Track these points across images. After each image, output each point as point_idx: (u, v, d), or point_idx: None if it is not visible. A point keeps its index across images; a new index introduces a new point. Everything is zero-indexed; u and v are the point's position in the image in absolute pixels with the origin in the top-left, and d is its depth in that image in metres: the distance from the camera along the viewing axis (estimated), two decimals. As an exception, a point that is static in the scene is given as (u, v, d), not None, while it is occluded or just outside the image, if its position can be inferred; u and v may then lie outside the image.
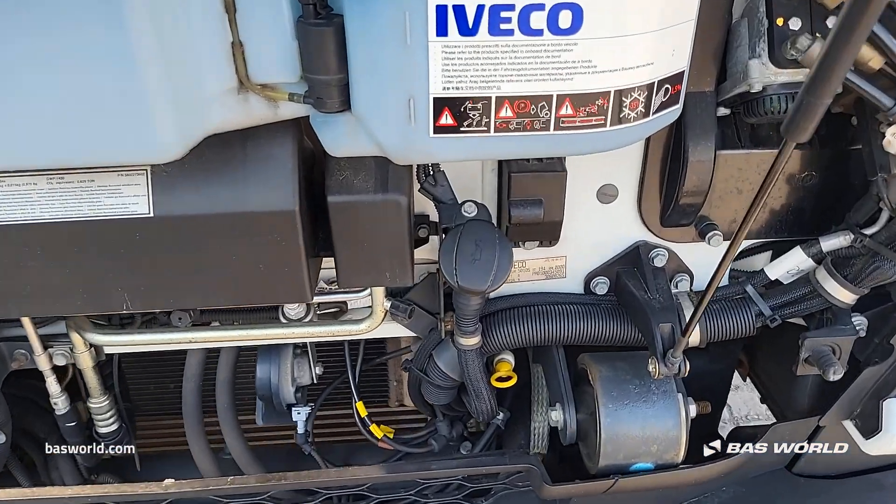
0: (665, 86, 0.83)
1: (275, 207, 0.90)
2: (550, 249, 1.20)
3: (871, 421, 1.18)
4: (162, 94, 0.73)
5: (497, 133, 0.78)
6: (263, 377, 1.28)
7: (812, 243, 1.17)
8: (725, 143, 1.11)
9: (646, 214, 1.18)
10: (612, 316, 1.21)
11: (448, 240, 0.98)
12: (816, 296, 1.17)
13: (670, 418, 1.15)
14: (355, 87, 0.76)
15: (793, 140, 0.70)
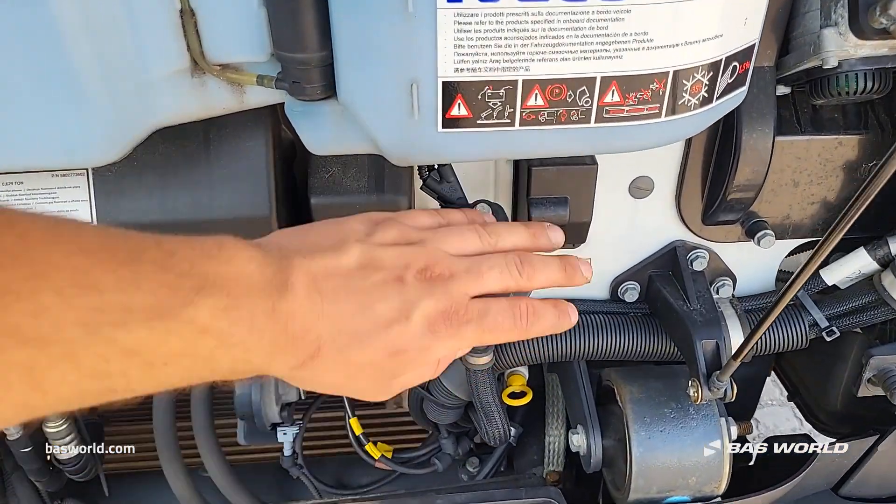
0: (733, 63, 0.66)
1: (246, 214, 0.75)
2: (573, 251, 1.04)
3: (938, 446, 1.04)
4: (88, 78, 0.56)
5: (524, 127, 0.61)
6: (243, 395, 1.13)
7: (878, 244, 1.01)
8: (782, 128, 0.95)
9: (685, 211, 1.02)
10: (643, 328, 1.05)
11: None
12: (882, 304, 1.02)
13: (712, 447, 1.01)
14: (342, 69, 0.59)
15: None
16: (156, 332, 0.39)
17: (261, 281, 0.45)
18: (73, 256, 0.35)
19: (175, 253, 0.41)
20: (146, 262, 0.39)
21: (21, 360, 0.34)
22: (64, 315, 0.35)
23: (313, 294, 0.48)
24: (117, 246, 0.38)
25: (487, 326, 0.56)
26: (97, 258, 0.37)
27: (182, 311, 0.40)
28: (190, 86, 0.62)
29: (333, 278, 0.50)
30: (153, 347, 0.39)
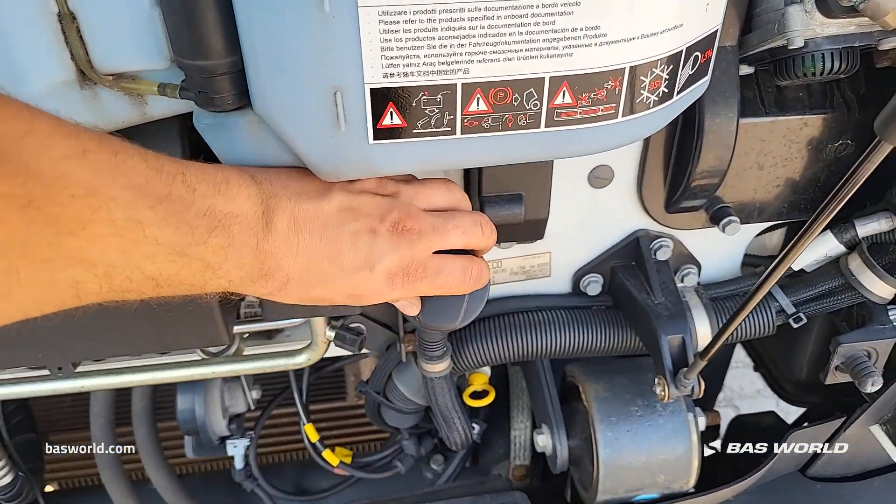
0: (695, 53, 0.60)
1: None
2: (532, 245, 0.99)
3: (906, 429, 1.03)
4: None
5: (466, 135, 0.55)
6: (186, 409, 1.07)
7: (845, 227, 0.98)
8: (746, 109, 0.90)
9: (647, 199, 0.97)
10: (606, 323, 1.01)
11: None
12: (848, 289, 0.99)
13: (680, 444, 0.98)
14: (254, 77, 0.52)
15: (892, 143, 0.50)
16: (174, 265, 0.47)
17: (252, 219, 0.51)
18: (126, 191, 0.43)
19: (195, 189, 0.48)
20: (175, 198, 0.46)
21: (72, 276, 0.42)
22: (111, 243, 0.42)
23: (291, 235, 0.54)
24: (156, 181, 0.45)
25: (439, 283, 0.62)
26: (142, 193, 0.44)
27: (195, 249, 0.47)
28: (79, 98, 0.54)
29: (313, 221, 0.55)
30: (168, 276, 0.47)
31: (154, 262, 0.45)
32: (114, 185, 0.42)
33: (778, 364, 1.41)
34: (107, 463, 1.14)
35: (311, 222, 0.55)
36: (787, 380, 1.38)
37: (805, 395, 1.37)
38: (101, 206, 0.41)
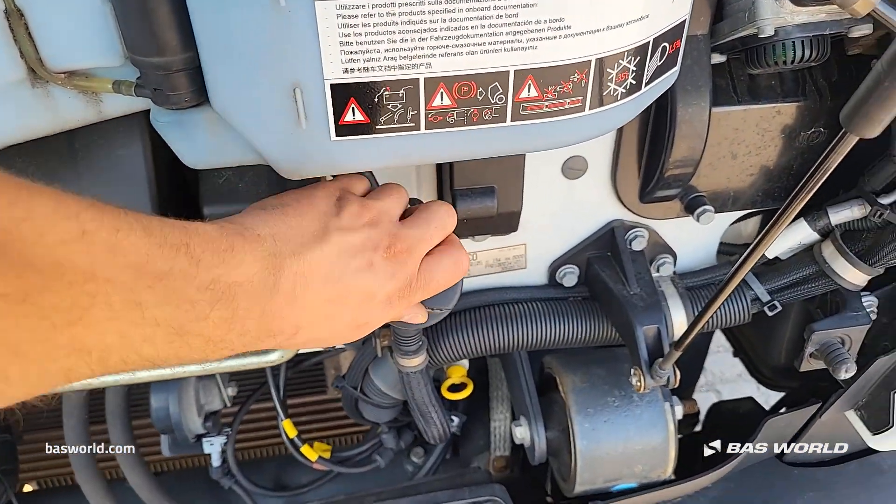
0: (662, 44, 0.60)
1: (127, 232, 0.65)
2: (507, 237, 0.98)
3: (880, 415, 1.04)
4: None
5: (431, 130, 0.54)
6: (160, 408, 1.05)
7: (818, 214, 0.98)
8: (718, 98, 0.89)
9: (621, 190, 0.97)
10: (584, 314, 1.01)
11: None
12: (822, 276, 0.99)
13: (657, 433, 0.99)
14: (211, 73, 0.50)
15: (858, 135, 0.50)
16: (173, 345, 0.45)
17: (259, 285, 0.50)
18: (125, 271, 0.41)
19: (200, 260, 0.46)
20: (177, 274, 0.44)
21: (65, 365, 0.40)
22: (108, 327, 0.41)
23: (298, 290, 0.53)
24: (158, 256, 0.43)
25: (433, 287, 0.64)
26: (142, 271, 0.42)
27: (196, 325, 0.46)
28: (32, 97, 0.53)
29: (317, 271, 0.54)
30: (165, 356, 0.45)
31: (152, 345, 0.44)
32: (113, 265, 0.40)
33: (756, 350, 1.42)
34: (81, 463, 1.13)
35: (316, 272, 0.54)
36: (765, 365, 1.39)
37: (783, 379, 1.38)
38: (99, 291, 0.40)
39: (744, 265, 0.68)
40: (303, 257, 0.54)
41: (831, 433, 1.20)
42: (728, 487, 1.21)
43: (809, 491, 1.19)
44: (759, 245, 0.63)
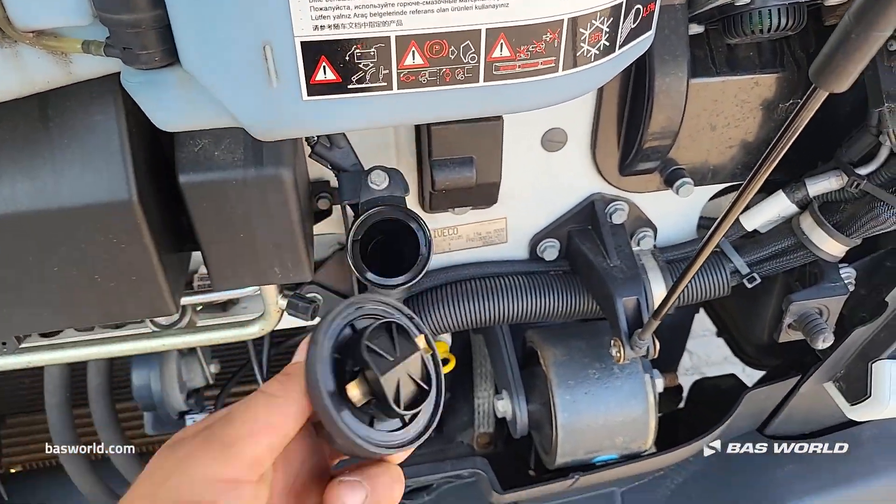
0: (636, 6, 0.60)
1: (102, 199, 0.66)
2: (487, 211, 0.99)
3: (857, 385, 1.06)
4: None
5: (403, 90, 0.54)
6: (142, 385, 1.05)
7: (796, 186, 0.99)
8: (697, 69, 0.90)
9: (601, 162, 0.97)
10: (565, 288, 1.02)
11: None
12: (801, 248, 1.00)
13: (637, 405, 0.99)
14: (180, 31, 0.50)
15: (827, 89, 0.50)
16: None
17: None
18: None
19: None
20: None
21: None
22: None
23: None
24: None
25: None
26: None
27: None
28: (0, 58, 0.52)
29: None
30: None
31: None
32: None
33: (740, 329, 1.43)
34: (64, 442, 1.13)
35: None
36: (748, 344, 1.41)
37: (766, 357, 1.40)
38: None
39: (720, 227, 0.68)
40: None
41: (810, 406, 1.21)
42: (708, 460, 1.23)
43: (790, 464, 1.21)
44: (737, 204, 0.63)
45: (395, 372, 0.48)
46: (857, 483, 1.20)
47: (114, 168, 0.65)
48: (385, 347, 0.49)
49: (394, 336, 0.50)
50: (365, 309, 0.51)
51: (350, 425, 0.47)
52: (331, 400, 0.47)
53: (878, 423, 1.25)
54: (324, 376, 0.47)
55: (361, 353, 0.47)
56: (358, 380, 0.48)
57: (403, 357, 0.49)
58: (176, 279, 0.77)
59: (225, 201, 0.72)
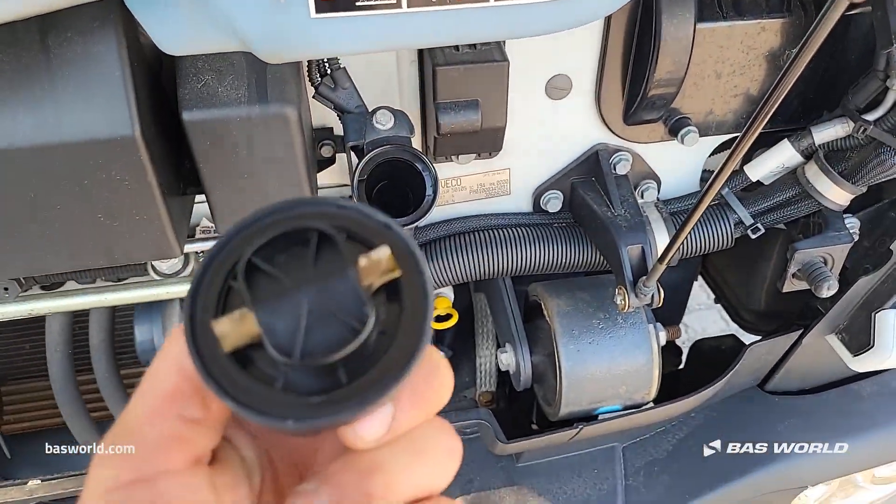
0: (647, -70, 0.59)
1: (103, 134, 0.65)
2: (491, 161, 0.98)
3: (860, 336, 1.06)
4: None
5: (413, 8, 0.53)
6: (144, 341, 1.05)
7: (802, 135, 0.99)
8: (703, 14, 0.89)
9: (606, 111, 0.96)
10: (568, 239, 1.02)
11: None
12: (805, 197, 1.00)
13: (641, 354, 1.00)
14: (185, -57, 0.49)
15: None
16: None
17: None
18: None
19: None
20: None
21: None
22: None
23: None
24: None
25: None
26: None
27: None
28: (0, -26, 0.51)
29: None
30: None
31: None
32: None
33: (738, 294, 1.44)
34: (66, 398, 1.13)
35: None
36: (746, 310, 1.41)
37: (763, 323, 1.40)
38: None
39: (727, 165, 0.68)
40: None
41: (812, 361, 1.22)
42: (710, 415, 1.24)
43: (790, 418, 1.22)
44: (747, 135, 0.63)
45: (286, 300, 0.34)
46: (856, 437, 1.20)
47: (115, 102, 0.64)
48: (290, 266, 0.34)
49: (312, 249, 0.34)
50: (301, 213, 0.35)
51: (223, 374, 0.33)
52: (193, 335, 0.33)
53: (879, 379, 1.26)
54: (199, 303, 0.34)
55: (239, 272, 0.33)
56: (233, 313, 0.34)
57: (314, 280, 0.34)
58: (179, 222, 0.77)
59: (229, 140, 0.71)
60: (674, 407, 1.05)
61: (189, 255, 0.90)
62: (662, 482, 1.18)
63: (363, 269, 0.33)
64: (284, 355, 0.32)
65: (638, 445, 1.20)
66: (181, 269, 0.89)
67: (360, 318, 0.33)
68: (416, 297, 0.34)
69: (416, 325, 0.34)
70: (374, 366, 0.33)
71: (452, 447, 0.39)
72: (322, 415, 0.32)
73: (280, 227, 0.34)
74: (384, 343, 0.34)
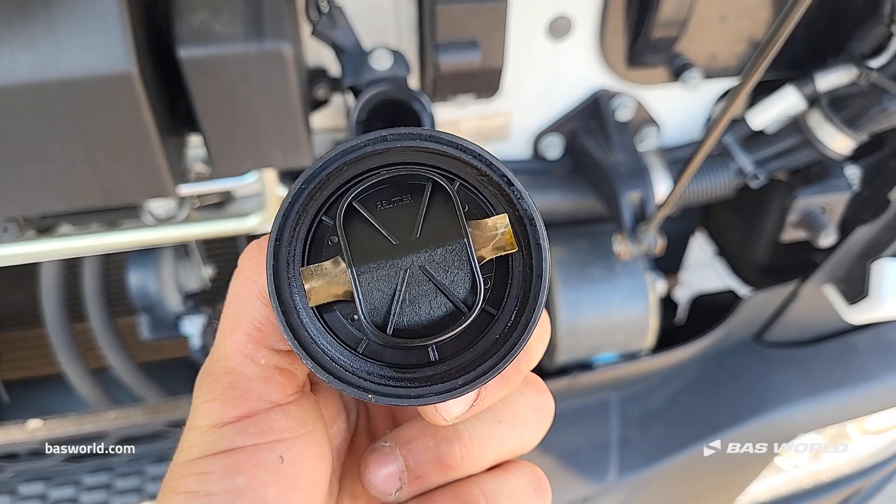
0: None
1: (101, 71, 0.65)
2: (490, 104, 0.99)
3: (856, 286, 1.08)
4: None
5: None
6: (138, 287, 1.07)
7: (805, 81, 0.99)
8: (709, -46, 0.89)
9: (608, 52, 0.97)
10: (568, 186, 1.03)
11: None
12: (807, 146, 1.01)
13: (638, 303, 1.02)
14: None
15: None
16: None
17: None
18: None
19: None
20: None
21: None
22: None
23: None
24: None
25: None
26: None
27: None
28: None
29: None
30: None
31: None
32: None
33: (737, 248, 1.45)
34: (62, 344, 1.15)
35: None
36: (746, 263, 1.43)
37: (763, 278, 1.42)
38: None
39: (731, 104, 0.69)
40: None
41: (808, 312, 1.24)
42: (706, 367, 1.27)
43: (786, 370, 1.25)
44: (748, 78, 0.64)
45: (388, 263, 0.30)
46: (850, 388, 1.24)
47: (113, 39, 0.65)
48: (394, 219, 0.31)
49: (423, 205, 0.30)
50: (413, 147, 0.30)
51: (306, 332, 0.31)
52: (276, 284, 0.30)
53: (874, 331, 1.29)
54: (285, 237, 0.30)
55: (336, 221, 0.30)
56: (324, 264, 0.30)
57: (421, 243, 0.30)
58: (174, 162, 0.78)
59: (225, 78, 0.71)
60: (670, 356, 1.08)
61: (185, 201, 0.91)
62: (657, 432, 1.21)
63: (477, 237, 0.30)
64: (378, 329, 0.30)
65: (633, 398, 1.23)
66: (175, 212, 0.90)
67: (468, 299, 0.30)
68: (530, 274, 0.31)
69: (525, 308, 0.31)
70: (469, 347, 0.31)
71: (541, 406, 0.38)
72: (405, 395, 0.31)
73: (386, 158, 0.30)
74: (484, 321, 0.31)
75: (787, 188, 1.09)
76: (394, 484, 0.37)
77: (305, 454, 0.35)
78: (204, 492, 0.33)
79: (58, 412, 1.07)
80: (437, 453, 0.36)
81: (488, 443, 0.37)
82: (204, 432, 0.35)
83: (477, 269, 0.30)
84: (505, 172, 0.30)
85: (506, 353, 0.30)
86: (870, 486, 1.49)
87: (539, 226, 0.30)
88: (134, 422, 1.01)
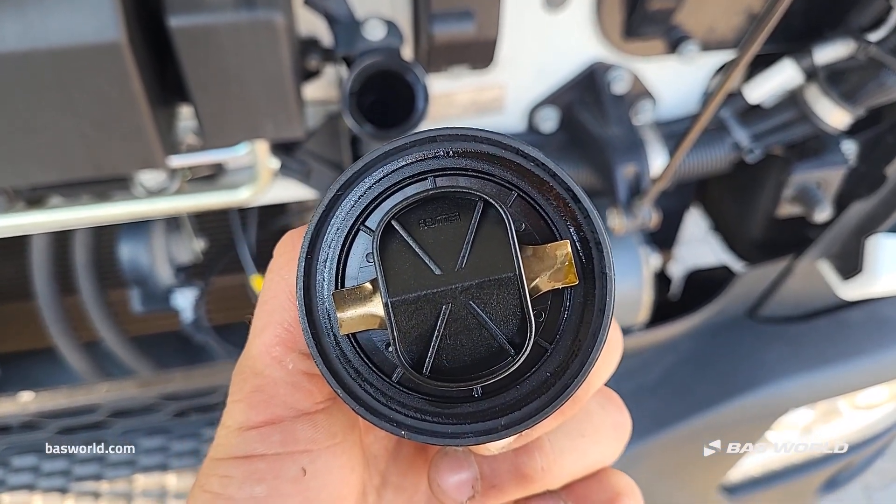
0: None
1: (90, 40, 0.66)
2: (484, 76, 0.99)
3: (850, 260, 1.10)
4: None
5: None
6: (130, 260, 1.07)
7: (803, 54, 1.00)
8: (708, -76, 0.89)
9: (605, 23, 0.97)
10: (563, 159, 1.03)
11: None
12: (804, 120, 1.02)
13: (632, 277, 1.03)
14: None
15: None
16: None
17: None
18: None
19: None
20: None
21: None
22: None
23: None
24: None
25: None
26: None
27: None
28: None
29: None
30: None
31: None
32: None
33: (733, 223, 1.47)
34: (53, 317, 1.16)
35: None
36: (741, 239, 1.44)
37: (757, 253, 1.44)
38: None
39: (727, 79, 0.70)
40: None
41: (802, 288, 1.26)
42: (700, 343, 1.29)
43: (779, 345, 1.27)
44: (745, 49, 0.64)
45: (428, 296, 0.27)
46: (842, 363, 1.26)
47: (102, 7, 0.65)
48: (438, 244, 0.27)
49: (472, 228, 0.27)
50: (464, 151, 0.27)
51: (336, 352, 0.29)
52: (307, 308, 0.28)
53: (867, 307, 1.31)
54: (315, 258, 0.28)
55: (373, 246, 0.27)
56: (358, 287, 0.28)
57: (467, 274, 0.27)
58: (164, 132, 0.78)
59: (216, 48, 0.71)
60: (664, 331, 1.10)
61: (176, 173, 0.92)
62: (650, 407, 1.23)
63: (532, 265, 0.27)
64: (413, 369, 0.27)
65: (627, 372, 1.25)
66: (166, 184, 0.91)
67: (517, 341, 0.27)
68: (591, 306, 0.27)
69: (581, 346, 0.27)
70: (517, 384, 0.28)
71: (620, 423, 0.37)
72: (442, 434, 0.28)
73: (433, 164, 0.27)
74: (535, 356, 0.28)
75: (783, 163, 1.10)
76: (466, 492, 0.35)
77: (331, 467, 0.34)
78: (225, 495, 0.34)
79: (50, 385, 1.09)
80: (516, 463, 0.35)
81: (570, 456, 0.36)
82: (230, 433, 0.35)
83: (528, 307, 0.26)
84: (571, 186, 0.28)
85: (556, 394, 0.28)
86: (860, 461, 1.52)
87: (606, 252, 0.27)
88: (126, 395, 1.02)
